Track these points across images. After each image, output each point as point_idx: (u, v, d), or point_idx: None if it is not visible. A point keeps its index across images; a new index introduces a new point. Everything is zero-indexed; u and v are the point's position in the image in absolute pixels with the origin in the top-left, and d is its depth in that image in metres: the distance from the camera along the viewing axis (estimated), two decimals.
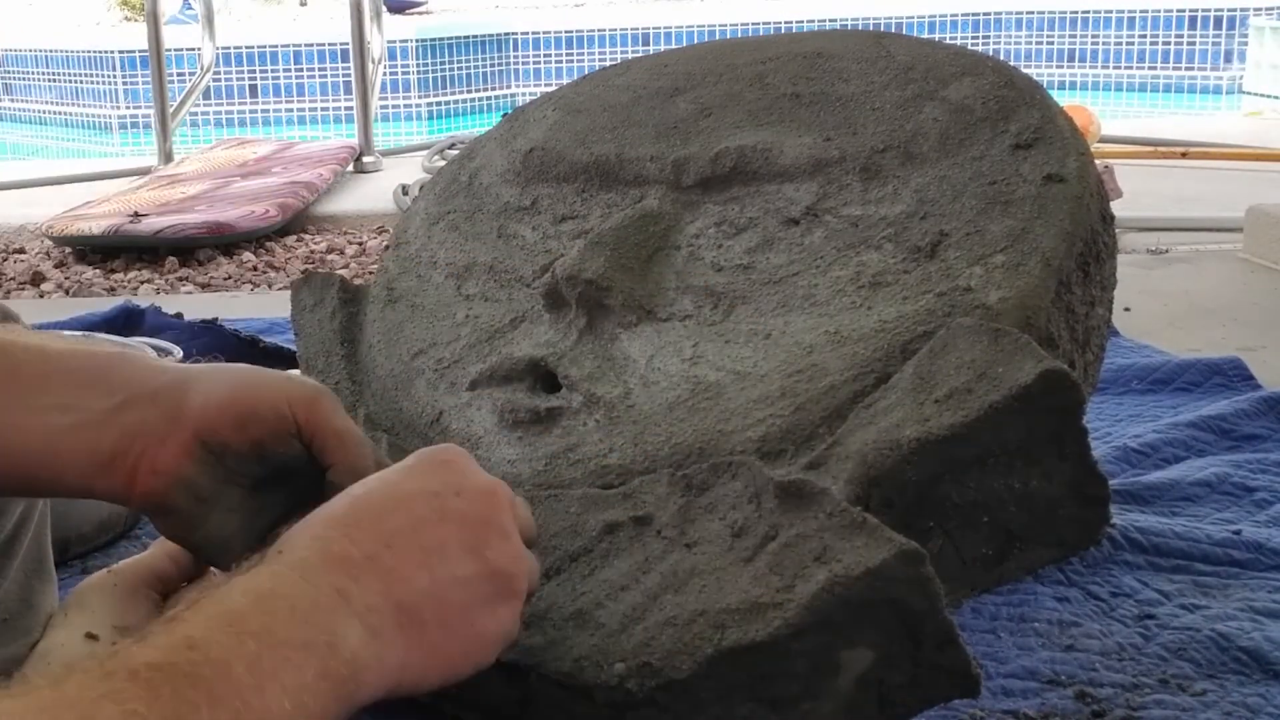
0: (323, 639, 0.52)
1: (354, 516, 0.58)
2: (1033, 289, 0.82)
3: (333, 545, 0.56)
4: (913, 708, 0.69)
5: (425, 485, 0.61)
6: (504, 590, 0.61)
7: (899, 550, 0.64)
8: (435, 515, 0.59)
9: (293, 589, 0.53)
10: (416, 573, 0.57)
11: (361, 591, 0.55)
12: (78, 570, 1.16)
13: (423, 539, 0.58)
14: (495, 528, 0.61)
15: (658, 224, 0.98)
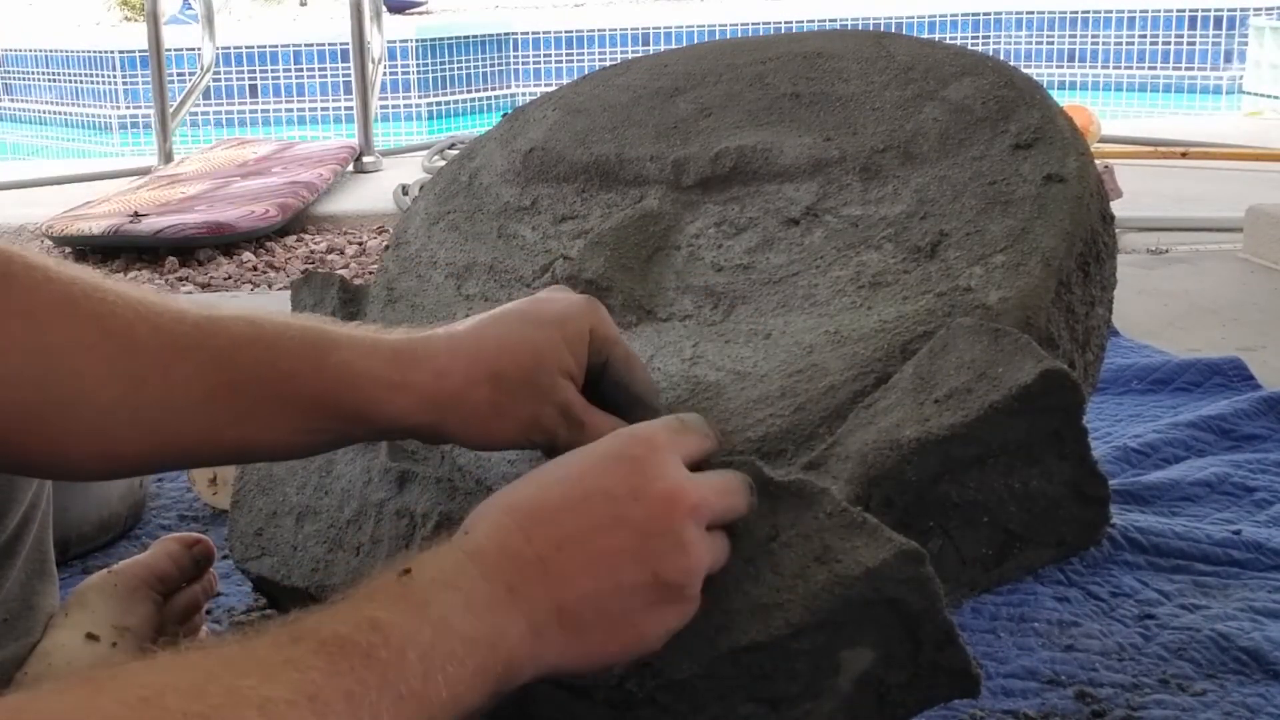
0: (488, 636, 0.55)
1: (533, 512, 0.60)
2: (1033, 289, 0.82)
3: (509, 540, 0.58)
4: (913, 708, 0.69)
5: (606, 485, 0.61)
6: (671, 598, 0.61)
7: (899, 550, 0.64)
8: (610, 521, 0.60)
9: (471, 583, 0.56)
10: (582, 579, 0.58)
11: (529, 591, 0.57)
12: (78, 570, 1.16)
13: (593, 546, 0.59)
14: (670, 539, 0.60)
15: (658, 224, 0.98)
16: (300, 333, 0.69)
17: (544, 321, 0.71)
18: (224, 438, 0.68)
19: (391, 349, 0.69)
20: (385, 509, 0.85)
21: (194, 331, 0.66)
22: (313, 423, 0.69)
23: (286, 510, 0.93)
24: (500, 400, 0.69)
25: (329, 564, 0.86)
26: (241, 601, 1.10)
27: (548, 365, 0.70)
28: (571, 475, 0.62)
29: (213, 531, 1.19)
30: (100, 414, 0.64)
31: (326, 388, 0.67)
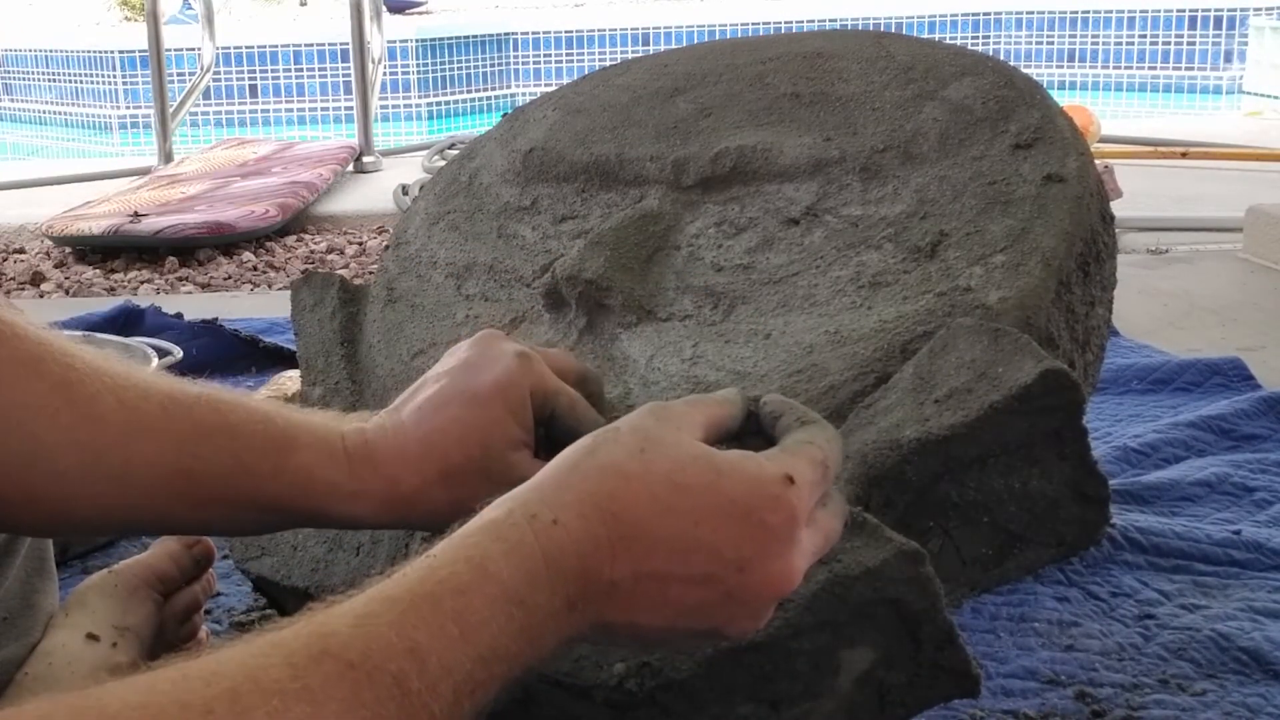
0: (529, 652, 0.52)
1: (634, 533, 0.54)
2: (1033, 289, 0.82)
3: (593, 553, 0.54)
4: (913, 708, 0.69)
5: (717, 542, 0.55)
6: (705, 645, 0.61)
7: (899, 550, 0.64)
8: (702, 578, 0.55)
9: (534, 596, 0.52)
10: (645, 615, 0.55)
11: (584, 609, 0.54)
12: (78, 570, 1.16)
13: (672, 592, 0.55)
14: (751, 610, 0.57)
15: (658, 224, 0.98)
16: (264, 427, 0.68)
17: (483, 399, 0.70)
18: (179, 519, 0.69)
19: (346, 453, 0.69)
20: None
21: (159, 412, 0.66)
22: (269, 517, 0.70)
23: None
24: (458, 496, 0.67)
25: (329, 564, 0.86)
26: (241, 601, 1.10)
27: (497, 448, 0.69)
28: (690, 510, 0.55)
29: None
30: (55, 479, 0.64)
31: (284, 490, 0.68)
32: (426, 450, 0.69)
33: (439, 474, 0.68)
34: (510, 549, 0.52)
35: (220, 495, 0.67)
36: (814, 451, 0.59)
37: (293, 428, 0.69)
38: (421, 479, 0.68)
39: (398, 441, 0.69)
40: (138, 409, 0.66)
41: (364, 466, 0.68)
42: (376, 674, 0.46)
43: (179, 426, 0.66)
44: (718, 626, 0.56)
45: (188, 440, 0.66)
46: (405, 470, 0.68)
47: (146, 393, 0.67)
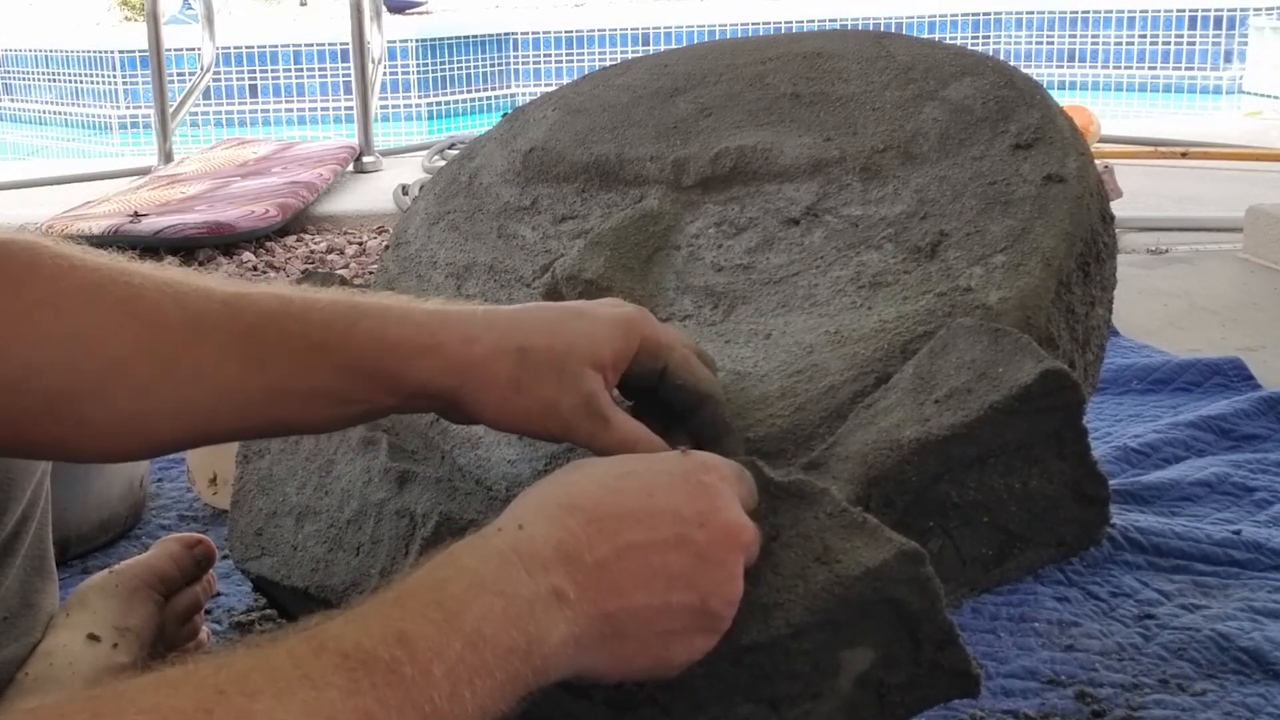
0: (524, 644, 0.53)
1: (599, 514, 0.58)
2: (1033, 289, 0.82)
3: (568, 541, 0.57)
4: (913, 708, 0.69)
5: (675, 504, 0.60)
6: (708, 627, 0.61)
7: (899, 550, 0.64)
8: (674, 540, 0.59)
9: (514, 585, 0.54)
10: (636, 592, 0.58)
11: (578, 599, 0.56)
12: (78, 570, 1.16)
13: (654, 560, 0.58)
14: (724, 570, 0.60)
15: (658, 224, 0.98)
16: (328, 303, 0.68)
17: (590, 316, 0.70)
18: (258, 413, 0.68)
19: (424, 313, 0.69)
20: (385, 509, 0.85)
21: (222, 309, 0.66)
22: (343, 392, 0.68)
23: (286, 510, 0.93)
24: (522, 376, 0.68)
25: (329, 564, 0.86)
26: (241, 601, 1.10)
27: (579, 353, 0.69)
28: (641, 486, 0.61)
29: (213, 531, 1.19)
30: (133, 397, 0.65)
31: (355, 355, 0.67)
32: (514, 323, 0.69)
33: (516, 348, 0.68)
34: (480, 547, 0.56)
35: (295, 377, 0.67)
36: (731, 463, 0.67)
37: (362, 301, 0.69)
38: (497, 345, 0.68)
39: (486, 315, 0.70)
40: (201, 310, 0.66)
41: (438, 324, 0.68)
42: (370, 661, 0.48)
43: (244, 319, 0.66)
44: (704, 597, 0.59)
45: (255, 328, 0.66)
46: (485, 334, 0.68)
47: (209, 293, 0.67)
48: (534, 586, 0.55)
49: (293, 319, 0.67)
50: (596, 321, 0.70)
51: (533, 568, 0.55)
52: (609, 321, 0.70)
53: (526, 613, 0.54)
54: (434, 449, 0.88)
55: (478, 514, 0.80)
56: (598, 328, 0.70)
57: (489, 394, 0.68)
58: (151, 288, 0.66)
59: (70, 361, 0.63)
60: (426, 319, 0.68)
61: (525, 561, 0.55)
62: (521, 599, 0.54)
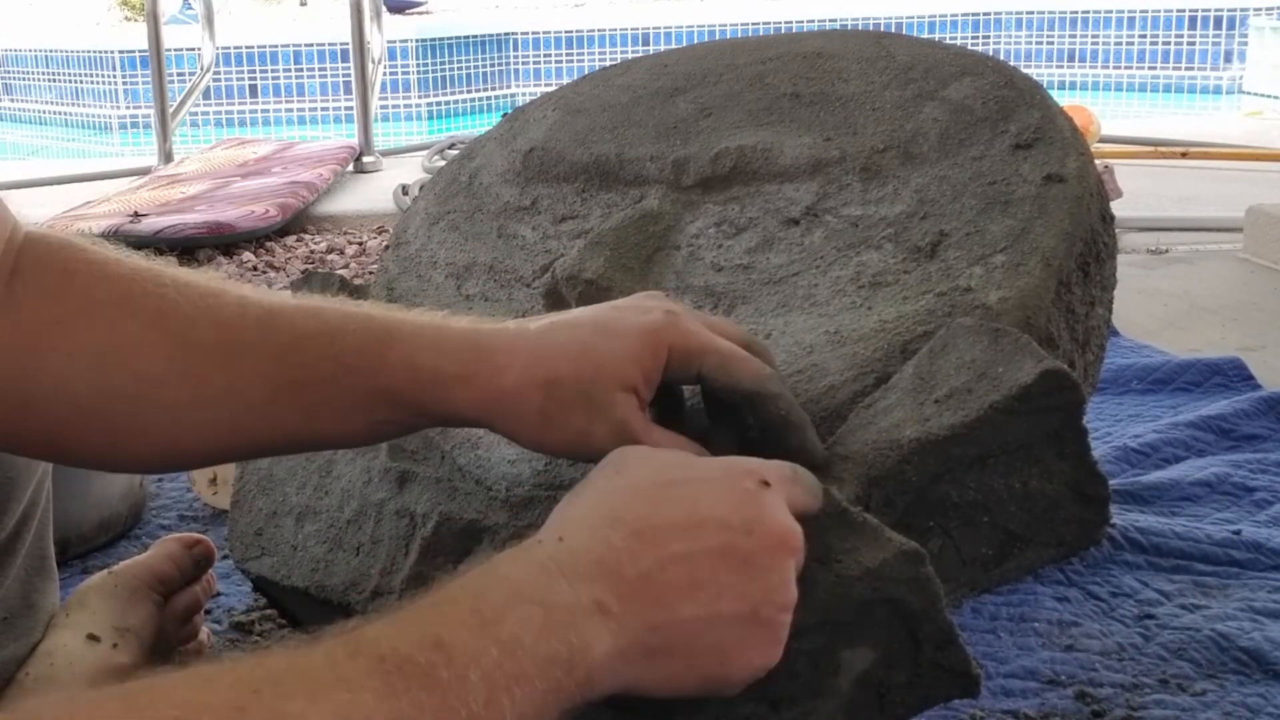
0: (565, 654, 0.52)
1: (641, 525, 0.57)
2: (1033, 289, 0.82)
3: (610, 555, 0.55)
4: (913, 708, 0.69)
5: (721, 513, 0.58)
6: (764, 637, 0.59)
7: (899, 550, 0.64)
8: (720, 549, 0.57)
9: (555, 597, 0.53)
10: (682, 603, 0.56)
11: (621, 611, 0.54)
12: (78, 570, 1.16)
13: (700, 571, 0.56)
14: (775, 577, 0.59)
15: (658, 224, 0.98)
16: (363, 325, 0.68)
17: (616, 333, 0.68)
18: (290, 432, 0.68)
19: (455, 338, 0.68)
20: (385, 509, 0.85)
21: (256, 327, 0.66)
22: (375, 415, 0.68)
23: (286, 510, 0.93)
24: (550, 409, 0.67)
25: (329, 564, 0.86)
26: (241, 601, 1.10)
27: (606, 379, 0.67)
28: (685, 495, 0.59)
29: (213, 531, 1.19)
30: (163, 412, 0.65)
31: (386, 383, 0.67)
32: (542, 351, 0.68)
33: (544, 379, 0.67)
34: (520, 558, 0.55)
35: (327, 400, 0.67)
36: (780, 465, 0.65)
37: (394, 323, 0.68)
38: (526, 376, 0.67)
39: (517, 339, 0.69)
40: (234, 327, 0.66)
41: (469, 352, 0.67)
42: (407, 665, 0.47)
43: (278, 339, 0.66)
44: (755, 606, 0.57)
45: (288, 351, 0.66)
46: (514, 362, 0.67)
47: (244, 309, 0.67)
48: (574, 597, 0.53)
49: (326, 340, 0.67)
50: (623, 339, 0.68)
51: (574, 579, 0.54)
52: (636, 337, 0.68)
53: (567, 622, 0.52)
54: (434, 449, 0.88)
55: (478, 514, 0.80)
56: (624, 346, 0.68)
57: (518, 426, 0.68)
58: (186, 302, 0.65)
59: (102, 376, 0.63)
60: (456, 347, 0.68)
61: (566, 573, 0.54)
62: (561, 609, 0.53)
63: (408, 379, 0.67)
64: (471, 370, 0.67)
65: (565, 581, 0.54)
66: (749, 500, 0.59)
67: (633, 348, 0.68)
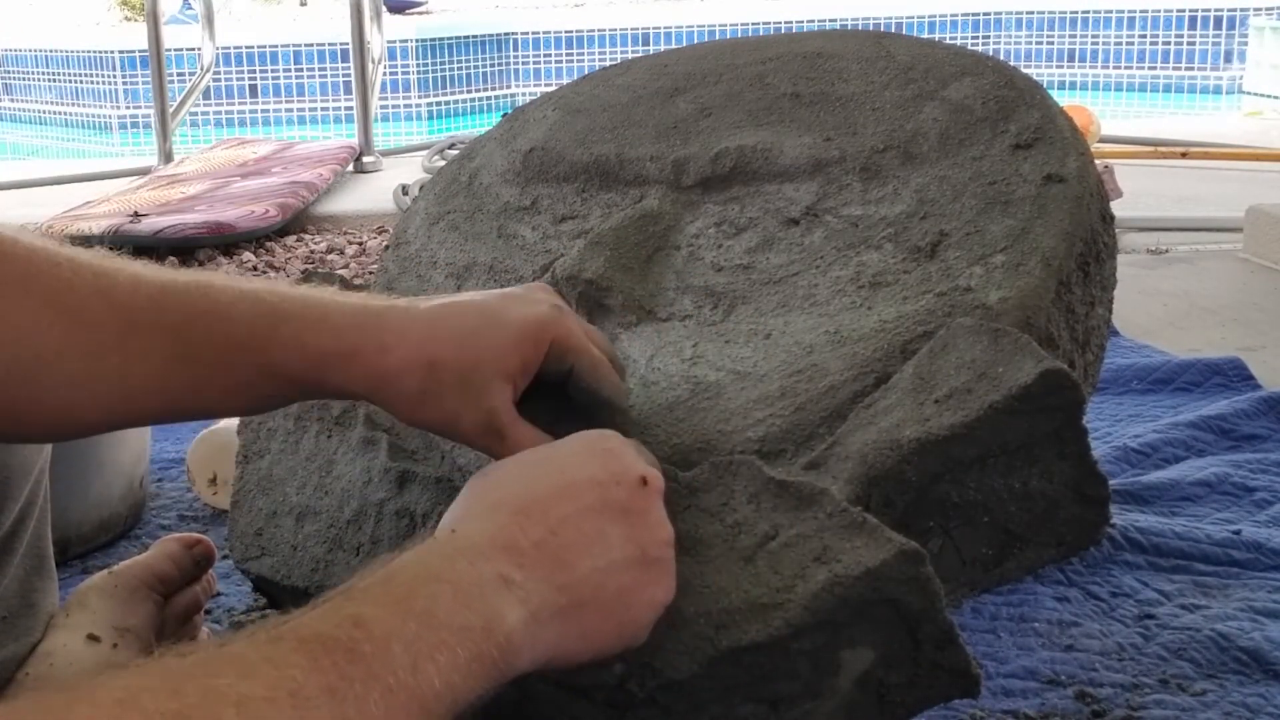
0: (480, 623, 0.54)
1: (523, 503, 0.61)
2: (1033, 289, 0.82)
3: (502, 531, 0.59)
4: (913, 708, 0.69)
5: (591, 474, 0.63)
6: (657, 574, 0.63)
7: (899, 550, 0.64)
8: (599, 503, 0.62)
9: (459, 574, 0.56)
10: (579, 559, 0.60)
11: (525, 577, 0.58)
12: (78, 570, 1.16)
13: (586, 526, 0.61)
14: (651, 516, 0.64)
15: (658, 224, 0.98)
16: (253, 303, 0.70)
17: (502, 322, 0.72)
18: (180, 404, 0.71)
19: (342, 315, 0.71)
20: (385, 509, 0.85)
21: (149, 305, 0.68)
22: (263, 389, 0.71)
23: (286, 510, 0.93)
24: (428, 389, 0.70)
25: (329, 564, 0.86)
26: (241, 601, 1.10)
27: (486, 366, 0.71)
28: (553, 468, 0.64)
29: (213, 531, 1.19)
30: (59, 387, 0.67)
31: (274, 358, 0.70)
32: (428, 334, 0.71)
33: (426, 360, 0.70)
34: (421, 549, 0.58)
35: (216, 375, 0.70)
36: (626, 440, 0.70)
37: (284, 300, 0.71)
38: (409, 356, 0.70)
39: (406, 317, 0.72)
40: (128, 305, 0.68)
41: (355, 331, 0.70)
42: (329, 642, 0.50)
43: (171, 317, 0.69)
44: (642, 546, 0.62)
45: (180, 327, 0.69)
46: (400, 342, 0.70)
47: (136, 287, 0.69)
48: (478, 574, 0.56)
49: (217, 317, 0.69)
50: (508, 328, 0.72)
51: (474, 559, 0.57)
52: (521, 327, 0.72)
53: (476, 594, 0.55)
54: (434, 449, 0.88)
55: None
56: (508, 336, 0.72)
57: (398, 404, 0.72)
58: (81, 281, 0.67)
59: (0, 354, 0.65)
60: (344, 324, 0.70)
61: (465, 556, 0.57)
62: (468, 584, 0.56)
63: (295, 356, 0.70)
64: (357, 348, 0.70)
65: (466, 561, 0.57)
66: (609, 456, 0.65)
67: (515, 337, 0.72)
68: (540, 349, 0.73)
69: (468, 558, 0.57)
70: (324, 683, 0.48)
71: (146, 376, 0.68)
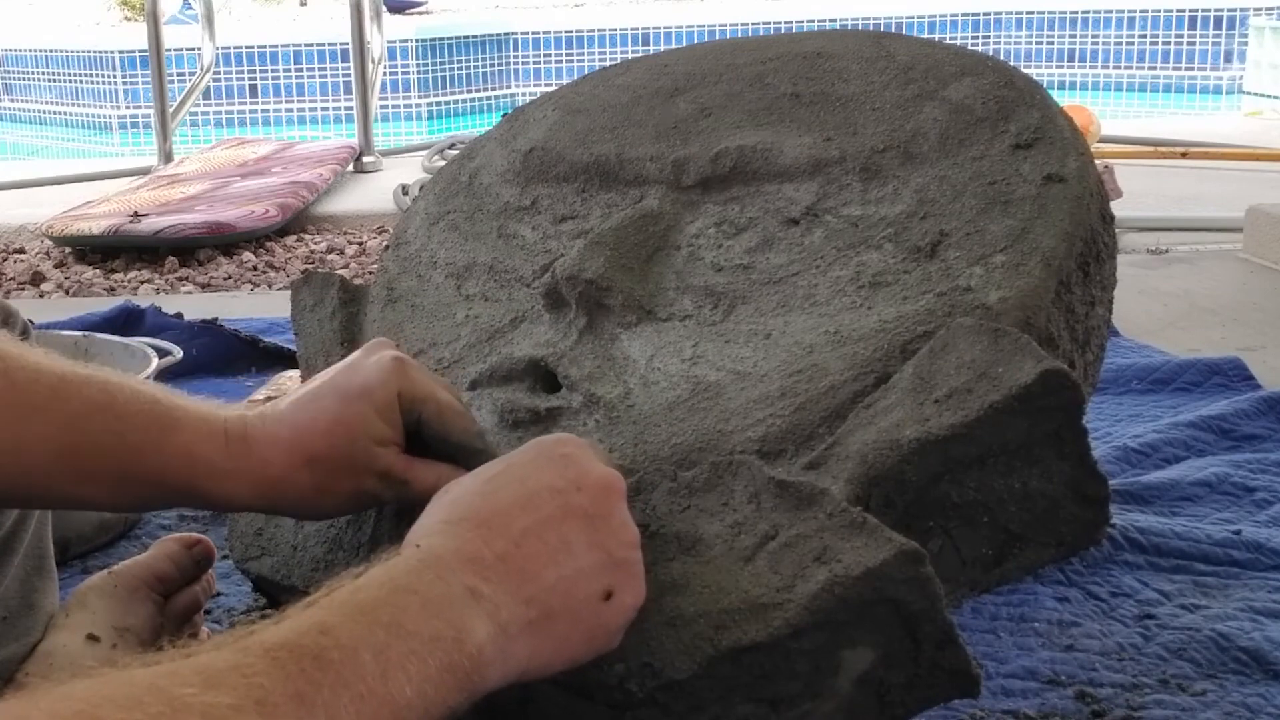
0: (450, 634, 0.54)
1: (485, 516, 0.61)
2: (1033, 289, 0.82)
3: (466, 545, 0.59)
4: (913, 708, 0.69)
5: (550, 482, 0.63)
6: (625, 578, 0.63)
7: (899, 550, 0.64)
8: (560, 512, 0.62)
9: (426, 586, 0.56)
10: (544, 569, 0.60)
11: (493, 590, 0.57)
12: (78, 570, 1.16)
13: (549, 536, 0.61)
14: (614, 520, 0.64)
15: (658, 224, 0.98)
16: (149, 406, 0.72)
17: (353, 395, 0.74)
18: (63, 494, 0.73)
19: (226, 434, 0.73)
20: (385, 509, 0.84)
21: (48, 393, 0.70)
22: (149, 493, 0.73)
23: None
24: (321, 481, 0.73)
25: (329, 564, 0.86)
26: (241, 601, 1.10)
27: (362, 441, 0.73)
28: (513, 479, 0.64)
29: (212, 531, 1.19)
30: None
31: (166, 466, 0.72)
32: (297, 436, 0.73)
33: (305, 459, 0.73)
34: (387, 564, 0.58)
35: (104, 470, 0.71)
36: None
37: (177, 409, 0.73)
38: (289, 462, 0.73)
39: (273, 428, 0.74)
40: (28, 389, 0.70)
41: (240, 447, 0.72)
42: (295, 650, 0.49)
43: (68, 406, 0.70)
44: (608, 551, 0.62)
45: (76, 418, 0.70)
46: (276, 453, 0.73)
47: (38, 373, 0.71)
48: (446, 587, 0.56)
49: (113, 416, 0.71)
50: (364, 399, 0.74)
51: (441, 573, 0.57)
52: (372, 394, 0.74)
53: (445, 605, 0.55)
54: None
55: None
56: (367, 405, 0.74)
57: (297, 506, 0.75)
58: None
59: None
60: (227, 442, 0.72)
61: (432, 569, 0.57)
62: (436, 595, 0.56)
63: (183, 466, 0.72)
64: (242, 465, 0.72)
65: (433, 574, 0.57)
66: (566, 463, 0.65)
67: (374, 404, 0.74)
68: (394, 405, 0.75)
69: (434, 570, 0.57)
70: (292, 690, 0.48)
71: (36, 460, 0.70)
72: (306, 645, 0.50)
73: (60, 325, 1.81)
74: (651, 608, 0.67)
